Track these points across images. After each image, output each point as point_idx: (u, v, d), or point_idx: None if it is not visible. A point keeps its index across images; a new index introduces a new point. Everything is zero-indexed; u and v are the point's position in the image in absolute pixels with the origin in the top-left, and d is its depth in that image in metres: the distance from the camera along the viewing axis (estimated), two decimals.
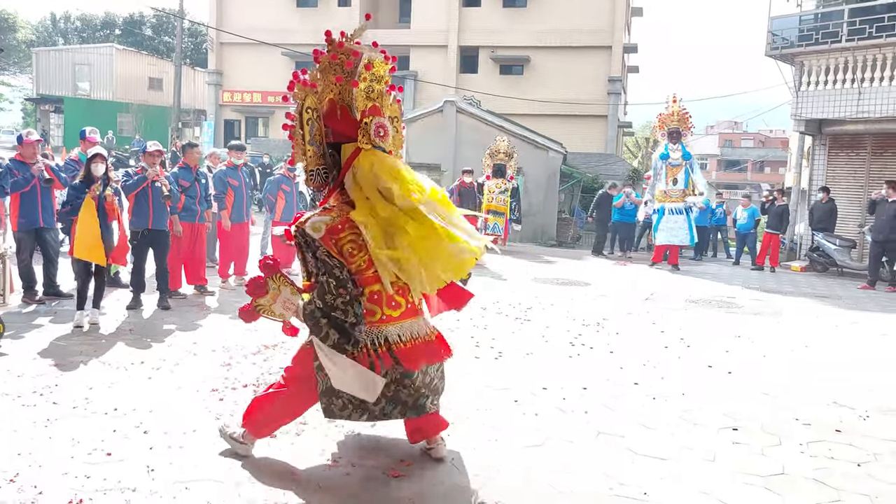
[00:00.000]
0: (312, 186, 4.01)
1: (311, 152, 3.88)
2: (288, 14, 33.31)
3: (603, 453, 4.24)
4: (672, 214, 13.72)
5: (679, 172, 13.69)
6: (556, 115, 29.75)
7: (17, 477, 3.54)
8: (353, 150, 3.83)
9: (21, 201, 7.20)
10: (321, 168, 3.93)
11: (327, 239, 3.63)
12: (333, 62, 3.92)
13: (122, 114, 35.41)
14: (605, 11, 30.22)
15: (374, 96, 3.96)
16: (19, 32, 47.79)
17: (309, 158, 3.89)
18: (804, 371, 6.37)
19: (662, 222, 13.81)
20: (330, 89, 3.87)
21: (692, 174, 13.82)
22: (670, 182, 13.78)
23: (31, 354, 5.61)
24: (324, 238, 3.63)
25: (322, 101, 3.87)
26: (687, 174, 13.77)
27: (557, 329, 7.58)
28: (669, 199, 13.74)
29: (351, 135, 3.84)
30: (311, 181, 3.96)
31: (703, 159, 66.76)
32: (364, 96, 3.90)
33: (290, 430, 4.30)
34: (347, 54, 3.92)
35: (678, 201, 13.67)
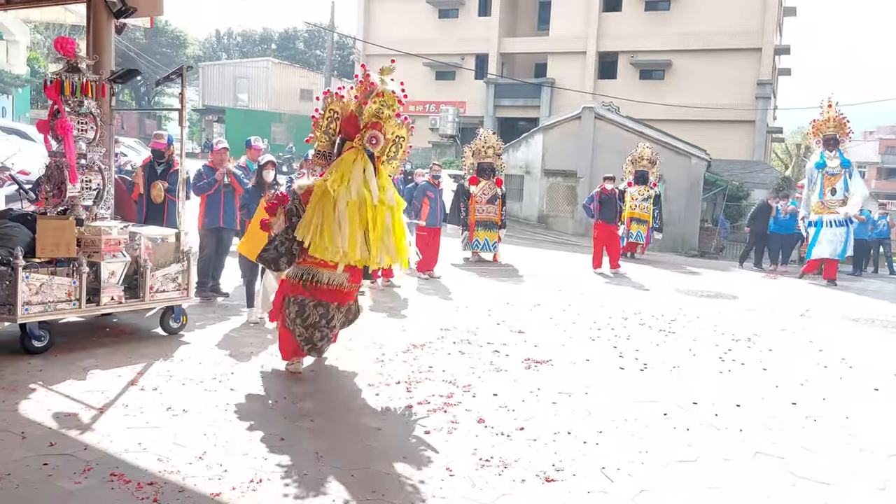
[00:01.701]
0: (317, 163, 5.71)
1: (324, 139, 5.59)
2: (430, 25, 34.27)
3: (761, 474, 4.10)
4: (831, 227, 12.80)
5: (838, 181, 12.76)
6: (699, 121, 28.65)
7: (205, 455, 3.93)
8: (349, 145, 5.38)
9: (206, 203, 7.95)
10: (326, 151, 5.61)
11: (305, 196, 5.25)
12: (360, 86, 5.45)
13: (275, 123, 37.85)
14: (755, 12, 28.78)
15: (381, 116, 5.34)
16: (189, 49, 52.28)
17: (320, 142, 5.60)
18: None
19: (821, 235, 12.89)
20: (353, 102, 5.47)
21: (850, 182, 12.83)
22: (828, 192, 12.88)
23: (209, 344, 6.19)
24: (303, 195, 5.27)
25: (345, 109, 5.48)
26: (846, 183, 12.80)
27: (705, 343, 7.35)
28: (828, 211, 12.82)
29: (353, 136, 5.38)
30: (317, 159, 5.68)
31: (861, 167, 61.35)
32: (371, 113, 5.31)
33: (444, 428, 4.48)
34: (368, 84, 5.40)
35: (838, 212, 12.74)
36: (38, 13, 14.08)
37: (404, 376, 5.56)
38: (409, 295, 9.10)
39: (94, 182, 6.15)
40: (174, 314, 6.40)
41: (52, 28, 34.29)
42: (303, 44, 54.78)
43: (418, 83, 34.33)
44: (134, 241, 6.17)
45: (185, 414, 4.50)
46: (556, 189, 22.26)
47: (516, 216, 22.47)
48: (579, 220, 21.22)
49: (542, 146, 22.16)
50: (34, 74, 31.23)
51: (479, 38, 33.47)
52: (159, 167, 7.90)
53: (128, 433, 4.14)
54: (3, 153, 14.21)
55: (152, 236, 6.34)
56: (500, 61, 33.57)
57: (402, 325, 7.32)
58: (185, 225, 6.63)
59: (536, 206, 22.55)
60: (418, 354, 6.23)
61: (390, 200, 5.40)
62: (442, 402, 4.96)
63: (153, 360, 5.60)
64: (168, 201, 7.74)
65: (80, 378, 5.07)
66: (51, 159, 6.00)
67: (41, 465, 3.67)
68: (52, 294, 5.50)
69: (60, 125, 5.80)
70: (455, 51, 33.56)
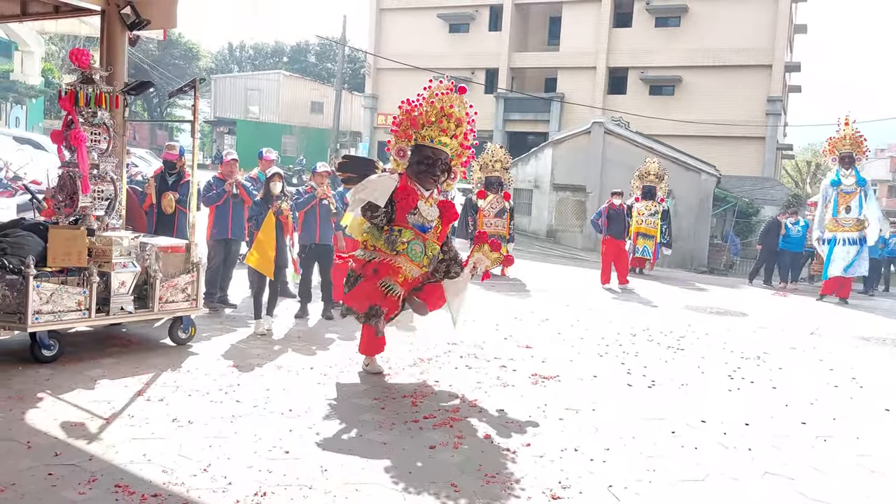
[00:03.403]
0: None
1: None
2: (441, 40, 34.46)
3: (771, 495, 4.05)
4: (846, 245, 12.69)
5: (853, 200, 12.66)
6: (709, 137, 28.63)
7: (210, 467, 3.92)
8: None
9: (215, 214, 7.99)
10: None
11: None
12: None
13: (286, 135, 38.12)
14: (765, 29, 28.81)
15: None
16: (201, 61, 52.76)
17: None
18: None
19: (835, 252, 12.78)
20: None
21: (865, 202, 12.72)
22: (843, 210, 12.77)
23: (215, 355, 6.19)
24: None
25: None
26: (861, 202, 12.69)
27: (714, 360, 7.30)
28: (842, 229, 12.71)
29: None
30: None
31: (873, 185, 61.20)
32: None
33: (450, 444, 4.46)
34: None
35: (852, 230, 12.62)
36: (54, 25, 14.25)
37: (410, 390, 5.54)
38: None
39: (106, 192, 6.19)
40: (183, 325, 6.41)
41: (66, 40, 34.67)
42: (314, 57, 55.21)
43: None
44: (144, 252, 6.20)
45: (191, 425, 4.50)
46: (565, 204, 22.25)
47: (525, 230, 22.46)
48: (588, 234, 21.18)
49: (551, 161, 22.18)
50: (48, 85, 31.57)
51: (489, 53, 33.61)
52: (170, 178, 7.95)
53: (133, 444, 4.14)
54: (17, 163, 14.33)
55: (163, 246, 6.37)
56: (510, 76, 33.69)
57: (409, 339, 7.30)
58: (195, 236, 6.66)
59: (545, 220, 22.54)
60: (425, 368, 6.21)
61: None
62: (448, 417, 4.94)
63: (161, 370, 5.61)
64: (178, 212, 7.78)
65: (87, 388, 5.08)
66: (63, 169, 6.04)
67: (46, 475, 3.67)
68: (62, 303, 5.52)
69: (74, 136, 5.85)
70: (465, 65, 33.70)
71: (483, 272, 6.04)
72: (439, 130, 5.65)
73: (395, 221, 5.64)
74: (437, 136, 5.67)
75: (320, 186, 7.98)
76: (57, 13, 7.28)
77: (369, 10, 35.98)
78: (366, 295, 5.55)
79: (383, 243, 5.64)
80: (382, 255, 5.61)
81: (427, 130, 5.67)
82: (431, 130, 5.66)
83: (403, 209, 5.63)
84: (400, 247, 5.59)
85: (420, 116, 5.68)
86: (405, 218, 5.65)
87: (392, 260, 5.58)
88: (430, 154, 5.69)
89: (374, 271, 5.58)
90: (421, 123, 5.68)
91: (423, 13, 34.54)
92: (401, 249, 5.59)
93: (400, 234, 5.61)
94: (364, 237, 5.81)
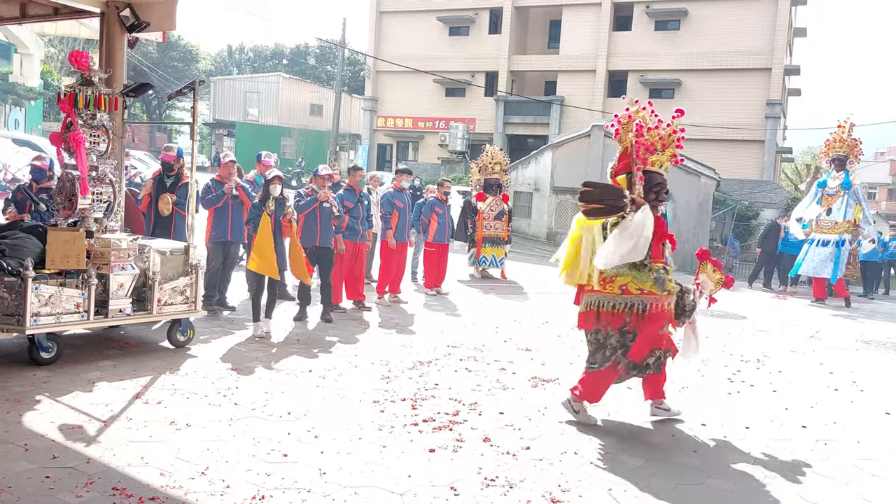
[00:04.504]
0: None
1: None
2: (440, 42, 34.48)
3: (772, 498, 4.03)
4: (819, 246, 12.75)
5: (834, 202, 12.68)
6: (709, 140, 28.60)
7: (208, 470, 3.90)
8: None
9: (213, 216, 7.97)
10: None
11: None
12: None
13: (285, 137, 38.10)
14: (765, 33, 28.83)
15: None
16: (201, 63, 52.78)
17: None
18: None
19: (809, 252, 12.88)
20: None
21: (851, 206, 12.69)
22: (823, 211, 12.84)
23: (214, 358, 6.17)
24: None
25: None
26: (845, 206, 12.69)
27: (714, 363, 7.28)
28: (820, 230, 12.79)
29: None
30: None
31: (873, 188, 61.35)
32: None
33: (449, 447, 4.44)
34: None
35: (829, 233, 12.66)
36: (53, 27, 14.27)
37: (410, 393, 5.52)
38: (417, 311, 9.07)
39: (105, 194, 6.17)
40: (181, 327, 6.40)
41: (65, 42, 34.73)
42: (314, 59, 55.22)
43: (428, 99, 34.58)
44: (143, 254, 6.18)
45: (189, 428, 4.48)
46: (565, 206, 22.24)
47: (525, 233, 22.45)
48: None
49: (551, 163, 22.18)
50: (47, 87, 31.59)
51: (489, 56, 33.63)
52: (168, 180, 7.93)
53: (131, 447, 4.12)
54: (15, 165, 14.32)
55: (161, 249, 6.35)
56: (509, 79, 33.71)
57: (408, 342, 7.29)
58: (194, 238, 6.64)
59: (545, 223, 22.54)
60: (424, 371, 6.19)
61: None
62: (448, 420, 4.93)
63: (159, 373, 5.59)
64: (176, 214, 7.76)
65: (85, 390, 5.06)
66: (62, 171, 6.03)
67: (43, 477, 3.65)
68: (60, 306, 5.51)
69: (73, 138, 5.84)
70: (465, 68, 33.73)
71: (709, 298, 5.33)
72: (669, 156, 5.18)
73: (653, 257, 5.00)
74: (666, 161, 5.20)
75: (321, 189, 7.96)
76: (56, 15, 7.28)
77: (369, 12, 36.02)
78: (649, 342, 4.96)
79: (652, 285, 4.95)
80: (653, 299, 4.95)
81: (658, 157, 5.16)
82: (662, 156, 5.16)
83: (659, 240, 5.04)
84: (669, 285, 5.01)
85: (652, 145, 5.14)
86: (660, 250, 5.08)
87: (665, 303, 5.02)
88: (661, 181, 5.13)
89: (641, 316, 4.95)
90: (654, 150, 5.16)
91: (423, 16, 34.57)
92: (670, 288, 5.03)
93: (666, 271, 5.01)
94: (624, 280, 4.97)
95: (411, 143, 36.19)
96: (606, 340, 5.04)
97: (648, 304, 4.94)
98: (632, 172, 5.07)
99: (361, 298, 8.92)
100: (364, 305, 8.89)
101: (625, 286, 4.96)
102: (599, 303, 5.03)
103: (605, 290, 5.01)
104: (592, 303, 5.08)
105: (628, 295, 4.95)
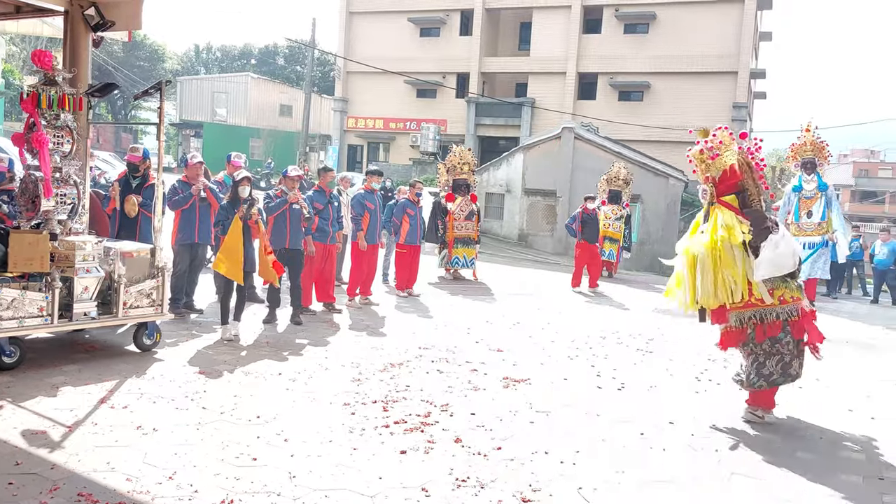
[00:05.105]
0: None
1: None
2: (411, 44, 34.45)
3: (738, 496, 4.10)
4: (807, 249, 12.93)
5: (814, 204, 12.90)
6: (676, 142, 28.92)
7: (175, 475, 3.85)
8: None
9: (180, 218, 7.86)
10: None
11: None
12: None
13: (253, 138, 37.73)
14: (731, 37, 29.31)
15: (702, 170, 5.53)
16: (167, 63, 52.06)
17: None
18: None
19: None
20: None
21: (829, 208, 12.95)
22: (804, 215, 13.02)
23: (181, 362, 6.09)
24: None
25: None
26: (824, 207, 12.94)
27: (681, 363, 7.39)
28: (804, 234, 12.96)
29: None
30: None
31: (836, 189, 62.57)
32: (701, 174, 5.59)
33: (420, 448, 4.44)
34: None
35: (814, 234, 12.87)
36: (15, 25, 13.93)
37: (381, 395, 5.51)
38: (388, 313, 9.05)
39: (69, 196, 6.06)
40: (147, 331, 6.30)
41: (28, 40, 33.98)
42: (283, 59, 54.76)
43: (399, 100, 34.53)
44: (108, 256, 6.08)
45: (156, 433, 4.42)
46: (536, 208, 22.37)
47: (496, 234, 22.52)
48: (559, 238, 21.32)
49: (522, 165, 22.28)
50: (9, 87, 30.85)
51: (460, 57, 33.69)
52: (134, 181, 7.80)
53: (97, 452, 4.05)
54: None
55: (127, 251, 6.25)
56: (480, 80, 33.80)
57: (380, 344, 7.27)
58: (161, 240, 6.55)
59: (517, 224, 22.63)
60: (396, 374, 6.18)
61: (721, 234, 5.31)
62: (419, 422, 4.93)
63: (125, 377, 5.50)
64: (141, 216, 7.63)
65: (49, 395, 4.96)
66: (25, 172, 5.90)
67: (6, 484, 3.57)
68: (23, 309, 5.40)
69: (36, 138, 5.72)
70: (436, 69, 33.74)
71: None
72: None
73: None
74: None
75: (291, 191, 7.90)
76: (18, 14, 7.12)
77: (339, 13, 35.85)
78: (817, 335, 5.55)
79: (796, 290, 5.48)
80: (801, 303, 5.46)
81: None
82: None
83: None
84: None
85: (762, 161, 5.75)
86: None
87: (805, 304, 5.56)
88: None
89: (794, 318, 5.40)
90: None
91: (394, 17, 34.51)
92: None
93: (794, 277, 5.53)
94: (781, 291, 5.37)
95: (382, 144, 36.10)
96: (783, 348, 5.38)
97: (800, 308, 5.43)
98: (741, 192, 5.45)
99: (332, 300, 8.88)
100: (334, 308, 8.84)
101: (782, 296, 5.36)
102: (761, 315, 5.35)
103: (762, 304, 5.33)
104: (750, 317, 5.38)
105: (787, 303, 5.37)
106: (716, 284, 5.27)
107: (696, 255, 5.33)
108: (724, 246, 5.24)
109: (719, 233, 5.27)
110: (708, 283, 5.26)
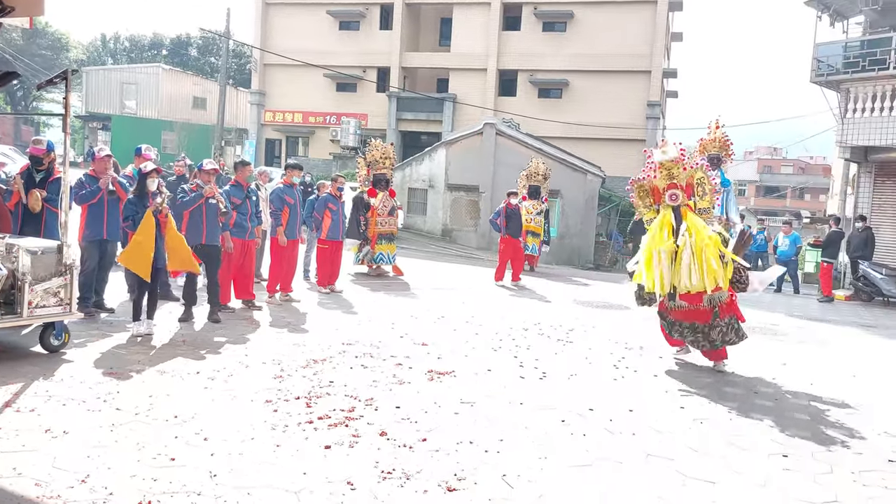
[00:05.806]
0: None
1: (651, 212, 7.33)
2: (330, 37, 33.97)
3: (653, 476, 4.27)
4: None
5: (717, 200, 13.51)
6: (595, 139, 29.77)
7: (88, 478, 3.69)
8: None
9: (88, 213, 7.49)
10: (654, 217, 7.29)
11: None
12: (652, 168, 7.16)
13: (166, 132, 36.39)
14: (645, 37, 30.27)
15: (673, 177, 7.00)
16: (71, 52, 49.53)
17: (649, 214, 7.36)
18: (853, 400, 6.30)
19: None
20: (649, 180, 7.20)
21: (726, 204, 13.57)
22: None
23: (91, 362, 5.83)
24: None
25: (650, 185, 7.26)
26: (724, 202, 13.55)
27: (600, 352, 7.61)
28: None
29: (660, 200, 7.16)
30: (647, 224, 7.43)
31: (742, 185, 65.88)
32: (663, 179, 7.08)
33: (345, 443, 4.41)
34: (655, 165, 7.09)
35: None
36: None
37: (304, 392, 5.44)
38: (310, 310, 8.92)
39: None
40: (55, 331, 5.99)
41: None
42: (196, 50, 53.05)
43: (318, 94, 34.02)
44: (11, 254, 5.75)
45: (66, 436, 4.21)
46: (460, 203, 22.52)
47: (420, 230, 22.56)
48: (483, 233, 21.55)
49: (445, 160, 22.38)
50: None
51: (380, 52, 33.48)
52: (38, 175, 7.39)
53: (2, 457, 3.83)
54: None
55: (32, 248, 5.92)
56: (402, 75, 33.70)
57: (302, 341, 7.16)
58: (68, 236, 6.23)
59: (440, 219, 22.73)
60: (319, 369, 6.11)
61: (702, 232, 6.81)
62: (343, 417, 4.89)
63: (31, 379, 5.22)
64: (46, 211, 7.25)
65: None
66: None
67: None
68: None
69: None
70: (357, 63, 33.40)
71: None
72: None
73: None
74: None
75: (207, 185, 7.68)
76: None
77: (255, 3, 34.96)
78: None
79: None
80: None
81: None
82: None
83: None
84: None
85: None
86: None
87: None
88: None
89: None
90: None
91: (312, 9, 33.94)
92: None
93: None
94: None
95: (301, 138, 35.48)
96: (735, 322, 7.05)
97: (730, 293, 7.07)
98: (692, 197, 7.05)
99: (251, 297, 8.68)
100: (254, 305, 8.65)
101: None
102: (719, 298, 6.85)
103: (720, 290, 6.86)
104: (718, 298, 6.86)
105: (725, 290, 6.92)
106: (703, 272, 6.73)
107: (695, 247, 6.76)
108: (717, 240, 6.83)
109: (709, 231, 6.83)
110: (704, 270, 6.72)
